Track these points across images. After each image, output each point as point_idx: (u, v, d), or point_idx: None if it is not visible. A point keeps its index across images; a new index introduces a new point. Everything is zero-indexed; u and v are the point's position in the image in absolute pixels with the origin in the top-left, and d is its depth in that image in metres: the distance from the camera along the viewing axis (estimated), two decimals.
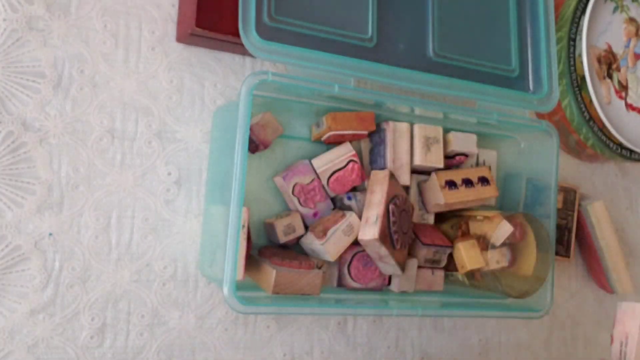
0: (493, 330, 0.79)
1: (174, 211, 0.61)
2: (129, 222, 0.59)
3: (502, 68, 0.68)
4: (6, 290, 0.54)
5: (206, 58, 0.63)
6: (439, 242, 0.66)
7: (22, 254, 0.55)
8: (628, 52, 0.82)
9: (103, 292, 0.58)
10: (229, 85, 0.64)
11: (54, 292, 0.56)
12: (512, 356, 0.80)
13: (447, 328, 0.75)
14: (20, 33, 0.55)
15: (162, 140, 0.61)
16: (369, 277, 0.64)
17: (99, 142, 0.58)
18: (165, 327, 0.60)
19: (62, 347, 0.56)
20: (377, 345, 0.71)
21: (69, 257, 0.57)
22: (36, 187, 0.55)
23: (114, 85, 0.59)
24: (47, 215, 0.56)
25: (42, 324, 0.55)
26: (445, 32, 0.65)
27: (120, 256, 0.59)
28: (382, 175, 0.63)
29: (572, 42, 0.77)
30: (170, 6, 0.62)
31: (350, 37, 0.59)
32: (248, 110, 0.52)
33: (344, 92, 0.57)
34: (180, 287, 0.61)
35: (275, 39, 0.54)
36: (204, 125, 0.63)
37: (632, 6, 0.83)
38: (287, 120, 0.65)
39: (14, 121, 0.55)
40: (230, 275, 0.51)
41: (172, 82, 0.62)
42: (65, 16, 0.57)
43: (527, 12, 0.70)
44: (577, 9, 0.77)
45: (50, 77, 0.56)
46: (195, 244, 0.62)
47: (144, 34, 0.61)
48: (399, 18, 0.62)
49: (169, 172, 0.61)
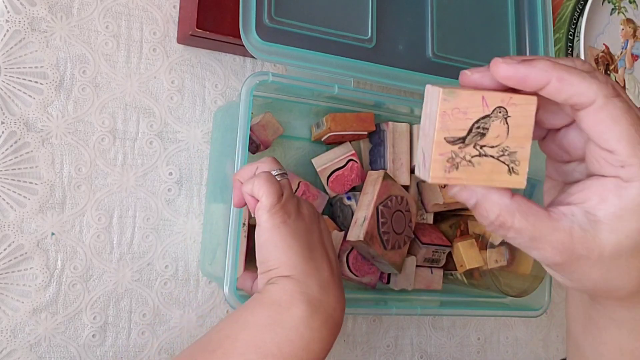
0: (492, 328, 0.79)
1: (175, 211, 0.61)
2: (131, 222, 0.60)
3: None
4: (9, 289, 0.55)
5: (207, 59, 0.64)
6: (437, 242, 0.67)
7: (24, 253, 0.55)
8: (625, 54, 0.83)
9: (105, 291, 0.58)
10: (229, 85, 0.65)
11: (56, 291, 0.56)
12: (511, 355, 0.80)
13: (445, 327, 0.76)
14: (23, 34, 0.56)
15: (163, 140, 0.61)
16: (365, 270, 0.64)
17: (101, 142, 0.59)
18: (166, 326, 0.61)
19: (64, 346, 0.56)
20: (376, 344, 0.71)
21: (71, 257, 0.57)
22: (38, 187, 0.56)
23: (116, 85, 0.60)
24: (50, 215, 0.56)
25: (44, 323, 0.56)
26: (444, 33, 0.65)
27: (122, 255, 0.59)
28: (375, 176, 0.63)
29: (570, 43, 0.77)
30: (171, 7, 0.62)
31: (350, 38, 0.59)
32: (248, 110, 0.52)
33: (343, 92, 0.58)
34: (182, 286, 0.61)
35: (275, 40, 0.55)
36: (205, 125, 0.63)
37: (629, 7, 0.83)
38: (287, 120, 0.65)
39: (17, 121, 0.55)
40: (231, 274, 0.51)
41: (173, 82, 0.62)
42: (67, 17, 0.58)
43: (525, 13, 0.71)
44: (575, 11, 0.78)
45: (53, 78, 0.57)
46: (196, 244, 0.62)
47: (145, 35, 0.61)
48: (398, 19, 0.63)
49: (170, 172, 0.61)
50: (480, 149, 0.30)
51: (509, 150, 0.30)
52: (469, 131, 0.30)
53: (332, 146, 0.65)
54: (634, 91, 0.83)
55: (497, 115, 0.30)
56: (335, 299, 0.47)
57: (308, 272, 0.46)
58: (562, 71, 0.29)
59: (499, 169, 0.30)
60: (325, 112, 0.65)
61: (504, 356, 0.80)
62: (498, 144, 0.30)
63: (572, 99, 0.30)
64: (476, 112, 0.30)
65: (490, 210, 0.31)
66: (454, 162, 0.30)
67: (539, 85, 0.30)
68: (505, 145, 0.30)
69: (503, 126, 0.30)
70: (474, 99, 0.30)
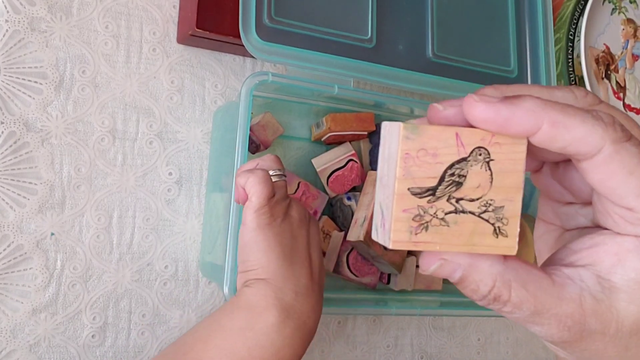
0: (492, 329, 0.79)
1: (174, 211, 0.61)
2: (130, 222, 0.60)
3: (500, 69, 0.68)
4: (8, 290, 0.54)
5: (207, 59, 0.64)
6: None
7: (24, 254, 0.55)
8: (626, 54, 0.82)
9: (104, 291, 0.58)
10: (229, 85, 0.65)
11: (55, 291, 0.56)
12: (511, 355, 0.80)
13: (446, 327, 0.76)
14: (23, 34, 0.55)
15: (163, 140, 0.61)
16: (366, 271, 0.64)
17: (101, 142, 0.59)
18: (166, 326, 0.61)
19: (64, 346, 0.56)
20: (376, 344, 0.71)
21: (71, 257, 0.57)
22: (38, 187, 0.56)
23: (115, 85, 0.59)
24: (49, 215, 0.56)
25: (44, 323, 0.56)
26: (444, 33, 0.65)
27: (122, 256, 0.59)
28: (375, 176, 0.63)
29: (571, 43, 0.77)
30: (171, 7, 0.62)
31: (350, 38, 0.59)
32: (248, 110, 0.52)
33: (343, 92, 0.58)
34: (181, 286, 0.61)
35: (275, 40, 0.55)
36: (205, 125, 0.63)
37: (630, 7, 0.83)
38: (287, 120, 0.65)
39: (16, 122, 0.55)
40: (231, 275, 0.51)
41: (172, 82, 0.62)
42: (67, 17, 0.58)
43: (526, 13, 0.71)
44: (575, 10, 0.77)
45: (52, 78, 0.57)
46: (196, 244, 0.62)
47: (145, 35, 0.61)
48: (398, 19, 0.63)
49: (169, 172, 0.61)
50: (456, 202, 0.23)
51: (494, 204, 0.24)
52: (440, 179, 0.23)
53: (332, 146, 0.65)
54: (634, 91, 0.83)
55: (477, 158, 0.23)
56: (311, 306, 0.47)
57: (286, 276, 0.46)
58: (555, 112, 0.23)
59: (482, 229, 0.24)
60: (325, 112, 0.64)
61: (504, 356, 0.80)
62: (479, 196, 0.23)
63: (571, 148, 0.23)
64: (449, 154, 0.23)
65: (481, 283, 0.24)
66: (422, 220, 0.23)
67: (527, 132, 0.23)
68: (489, 198, 0.23)
69: (485, 172, 0.23)
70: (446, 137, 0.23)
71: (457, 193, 0.23)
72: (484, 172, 0.23)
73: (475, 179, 0.23)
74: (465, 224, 0.24)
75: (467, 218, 0.24)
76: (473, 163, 0.23)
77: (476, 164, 0.23)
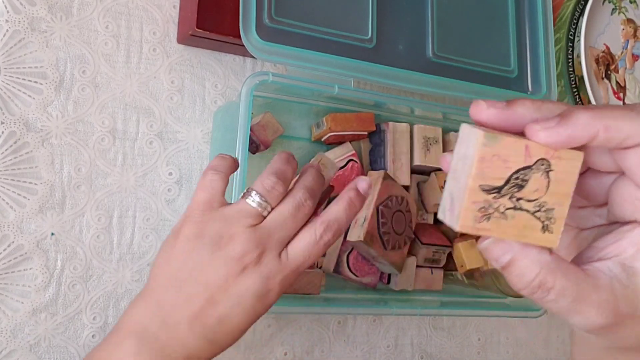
0: (492, 329, 0.79)
1: (175, 211, 0.61)
2: (130, 222, 0.60)
3: (500, 69, 0.68)
4: (8, 290, 0.54)
5: (207, 59, 0.64)
6: (438, 242, 0.67)
7: (24, 254, 0.55)
8: (626, 54, 0.82)
9: (104, 291, 0.58)
10: (229, 85, 0.65)
11: (55, 291, 0.56)
12: (511, 355, 0.80)
13: (446, 327, 0.76)
14: (23, 34, 0.55)
15: (163, 140, 0.61)
16: (366, 270, 0.64)
17: (101, 142, 0.59)
18: None
19: (64, 346, 0.56)
20: (376, 344, 0.71)
21: (71, 257, 0.57)
22: (38, 187, 0.56)
23: (116, 85, 0.59)
24: (49, 215, 0.56)
25: (44, 323, 0.56)
26: (444, 33, 0.65)
27: (122, 256, 0.59)
28: (375, 177, 0.63)
29: (571, 43, 0.77)
30: (171, 7, 0.62)
31: (350, 38, 0.59)
32: (248, 110, 0.52)
33: (343, 92, 0.58)
34: None
35: (275, 40, 0.55)
36: (205, 125, 0.63)
37: (630, 7, 0.83)
38: (287, 120, 0.65)
39: (16, 122, 0.55)
40: None
41: (173, 82, 0.62)
42: (67, 17, 0.58)
43: (526, 14, 0.71)
44: (575, 10, 0.77)
45: (52, 78, 0.57)
46: None
47: (145, 35, 0.61)
48: (398, 19, 0.63)
49: (170, 172, 0.61)
50: (516, 201, 0.28)
51: (546, 206, 0.28)
52: (506, 181, 0.28)
53: (332, 146, 0.65)
54: (634, 91, 0.83)
55: (539, 167, 0.28)
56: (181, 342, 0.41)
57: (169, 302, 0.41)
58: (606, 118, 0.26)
59: (533, 225, 0.28)
60: (325, 112, 0.64)
61: (505, 356, 0.80)
62: (536, 198, 0.28)
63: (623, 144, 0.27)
64: (517, 161, 0.27)
65: (528, 269, 0.27)
66: (486, 212, 0.28)
67: (586, 142, 0.27)
68: (544, 200, 0.28)
69: (544, 180, 0.28)
70: (517, 148, 0.27)
71: (518, 193, 0.28)
72: (543, 179, 0.28)
73: (535, 184, 0.28)
74: (520, 219, 0.28)
75: (523, 215, 0.28)
76: (535, 171, 0.28)
77: (538, 172, 0.28)
